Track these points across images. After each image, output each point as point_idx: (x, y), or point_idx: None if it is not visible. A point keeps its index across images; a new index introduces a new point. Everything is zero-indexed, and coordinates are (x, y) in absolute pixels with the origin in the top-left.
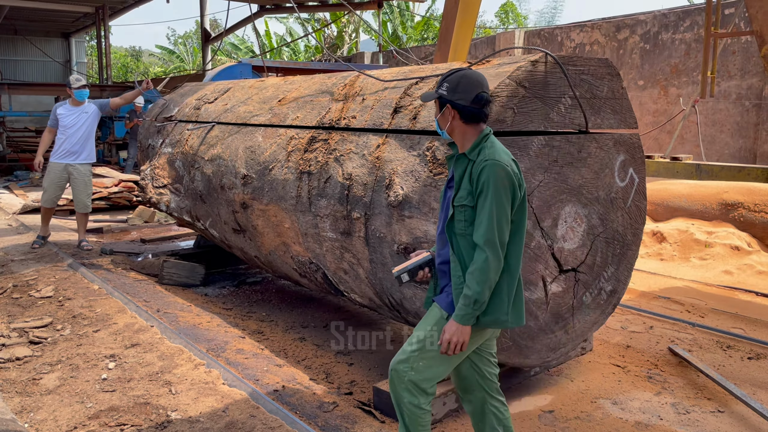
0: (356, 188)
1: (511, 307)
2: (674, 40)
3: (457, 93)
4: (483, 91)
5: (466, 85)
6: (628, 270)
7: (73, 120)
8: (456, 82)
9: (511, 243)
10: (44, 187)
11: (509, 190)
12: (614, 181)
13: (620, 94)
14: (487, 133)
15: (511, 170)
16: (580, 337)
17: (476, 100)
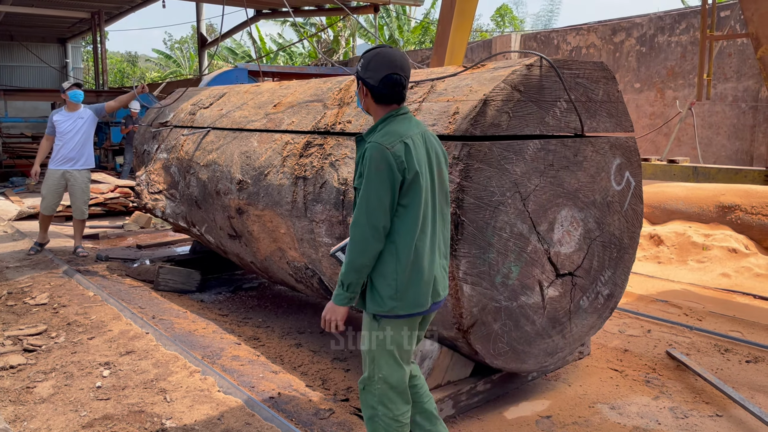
0: (352, 193)
1: (400, 294)
2: (670, 43)
3: (368, 71)
4: (394, 72)
5: (377, 64)
6: (625, 274)
7: (69, 126)
8: (368, 59)
9: (402, 228)
10: (43, 195)
11: (386, 173)
12: (610, 184)
13: (616, 97)
14: (390, 115)
15: (392, 153)
16: (578, 341)
17: (384, 80)
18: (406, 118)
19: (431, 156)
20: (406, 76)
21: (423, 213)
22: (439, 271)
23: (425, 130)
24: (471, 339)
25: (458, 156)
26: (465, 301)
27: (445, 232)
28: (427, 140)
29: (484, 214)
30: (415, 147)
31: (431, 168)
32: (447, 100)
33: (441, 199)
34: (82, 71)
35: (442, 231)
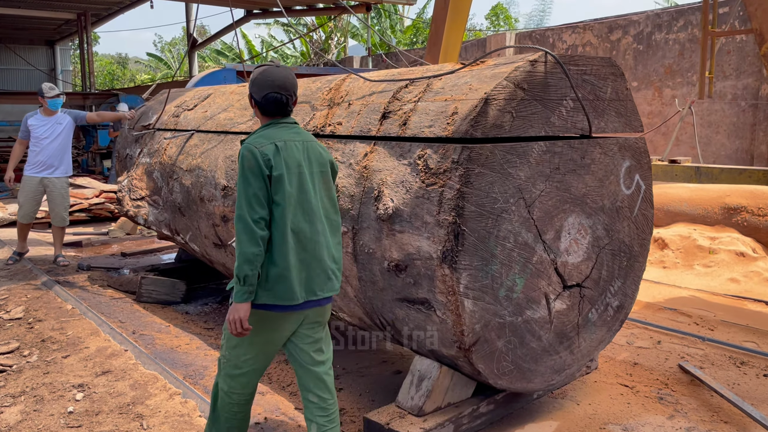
0: (342, 200)
1: (268, 285)
2: (668, 41)
3: (254, 87)
4: (274, 91)
5: (260, 82)
6: (635, 283)
7: (46, 131)
8: (255, 76)
9: (273, 224)
10: (20, 203)
11: (256, 169)
12: (620, 188)
13: (625, 95)
14: (271, 123)
15: (260, 152)
16: (586, 357)
17: (266, 97)
18: (286, 126)
19: (312, 164)
20: (288, 94)
21: (294, 213)
22: (317, 272)
23: (310, 140)
24: (473, 358)
25: (457, 160)
26: (466, 317)
27: (333, 237)
28: (310, 149)
29: (486, 222)
30: (286, 150)
31: (311, 174)
32: (445, 100)
33: (327, 204)
34: (71, 74)
35: (331, 235)
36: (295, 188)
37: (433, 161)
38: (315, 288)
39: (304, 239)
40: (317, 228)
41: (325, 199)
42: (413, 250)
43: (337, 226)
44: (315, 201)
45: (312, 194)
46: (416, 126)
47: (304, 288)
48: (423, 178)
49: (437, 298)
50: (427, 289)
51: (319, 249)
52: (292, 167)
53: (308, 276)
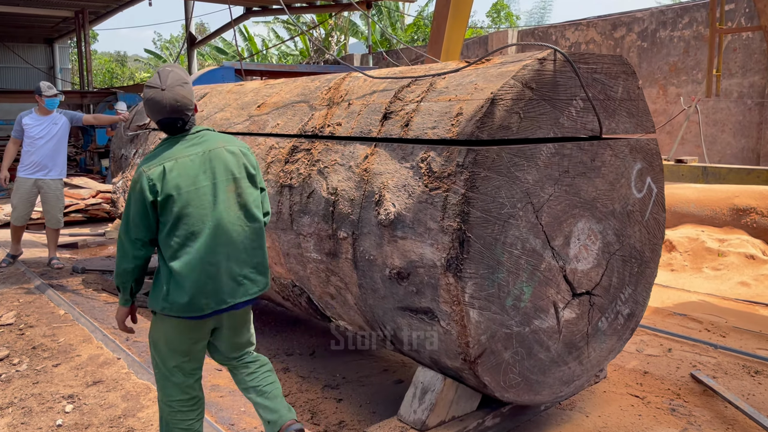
0: (342, 204)
1: (170, 297)
2: (672, 38)
3: (147, 110)
4: (166, 118)
5: (151, 108)
6: (646, 290)
7: (41, 131)
8: (145, 99)
9: (166, 240)
10: (13, 205)
11: (139, 193)
12: (631, 192)
13: (636, 94)
14: (168, 138)
15: (147, 176)
16: (596, 367)
17: (159, 123)
18: (184, 141)
19: (215, 173)
20: (181, 115)
21: (188, 229)
22: (225, 281)
23: (215, 147)
24: (479, 370)
25: (462, 163)
26: (472, 328)
27: (246, 242)
28: (213, 158)
29: (492, 228)
30: (177, 169)
31: (214, 184)
32: (449, 100)
33: (237, 211)
34: (70, 72)
35: (241, 241)
36: (188, 206)
37: (436, 164)
38: (224, 297)
39: (205, 253)
40: (221, 239)
41: (233, 206)
42: (416, 257)
43: (255, 229)
44: (218, 212)
45: (213, 206)
46: (419, 127)
47: (212, 299)
48: (426, 182)
49: (441, 308)
50: (431, 298)
51: (226, 259)
52: (183, 186)
53: (215, 287)
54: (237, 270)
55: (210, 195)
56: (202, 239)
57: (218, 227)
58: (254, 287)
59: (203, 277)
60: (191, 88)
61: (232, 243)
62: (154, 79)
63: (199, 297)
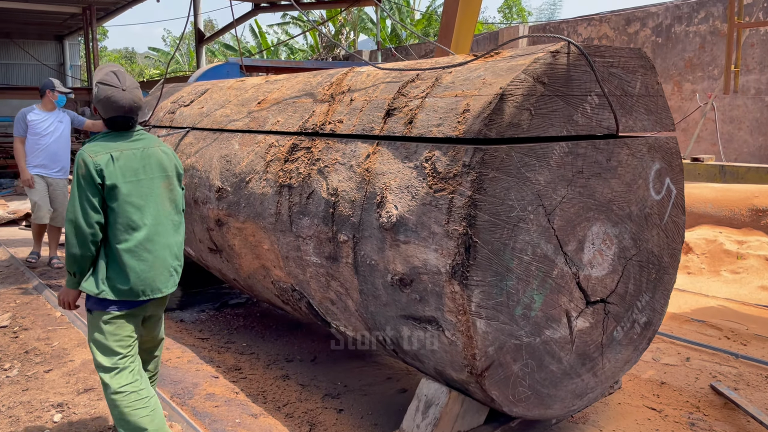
0: (342, 206)
1: (107, 282)
2: (688, 33)
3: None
4: (120, 116)
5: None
6: (664, 297)
7: (49, 127)
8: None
9: (108, 225)
10: (38, 204)
11: (88, 177)
12: (649, 193)
13: (655, 90)
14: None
15: (93, 161)
16: (611, 379)
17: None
18: (126, 136)
19: (151, 170)
20: (134, 115)
21: (131, 218)
22: (161, 271)
23: (151, 146)
24: (486, 384)
25: (469, 163)
26: (478, 339)
27: (176, 237)
28: (150, 155)
29: (501, 233)
30: (121, 159)
31: (151, 179)
32: (455, 95)
33: (169, 207)
34: (80, 69)
35: (172, 235)
36: (131, 195)
37: (441, 164)
38: (159, 286)
39: (145, 242)
40: (158, 230)
41: (166, 202)
42: (419, 263)
43: (179, 225)
44: (155, 205)
45: (151, 199)
46: (423, 125)
47: (149, 287)
48: (430, 183)
49: (446, 317)
50: (435, 306)
51: (162, 250)
52: (127, 176)
53: (153, 275)
54: (170, 261)
55: (148, 188)
56: (143, 229)
57: (156, 219)
58: (177, 278)
59: (142, 264)
60: (140, 92)
61: (167, 235)
62: (111, 78)
63: (137, 284)
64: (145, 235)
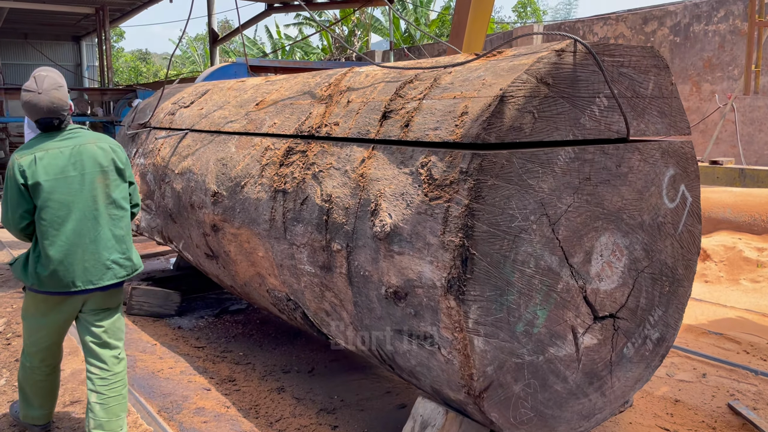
0: (336, 213)
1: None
2: (707, 32)
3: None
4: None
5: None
6: (678, 312)
7: None
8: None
9: (39, 225)
10: None
11: (13, 178)
12: (662, 201)
13: (669, 91)
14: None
15: (18, 163)
16: (621, 398)
17: (38, 122)
18: (55, 136)
19: (83, 166)
20: (58, 115)
21: (57, 214)
22: (92, 263)
23: (85, 143)
24: (485, 405)
25: (467, 170)
26: (476, 358)
27: (115, 230)
28: (82, 152)
29: (501, 244)
30: (45, 159)
31: (82, 175)
32: (453, 97)
33: (104, 201)
34: (97, 69)
35: (110, 229)
36: (56, 192)
37: (437, 170)
38: (91, 278)
39: (73, 237)
40: (88, 225)
41: (103, 196)
42: (414, 275)
43: (122, 218)
44: (85, 201)
45: (80, 195)
46: (420, 128)
47: (80, 279)
48: (426, 191)
49: (442, 334)
50: (430, 322)
51: (91, 244)
52: (51, 173)
53: (84, 268)
54: (106, 255)
55: (77, 184)
56: (69, 224)
57: (86, 214)
58: (122, 271)
59: (69, 257)
60: (66, 91)
61: (99, 229)
62: (30, 83)
63: (65, 275)
64: (72, 229)
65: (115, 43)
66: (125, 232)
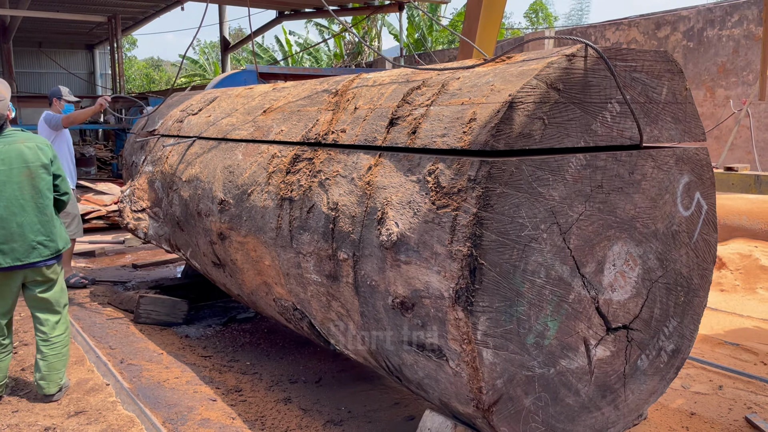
0: (343, 221)
1: None
2: (721, 37)
3: None
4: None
5: None
6: (694, 323)
7: (50, 135)
8: None
9: None
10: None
11: None
12: (676, 209)
13: (684, 96)
14: None
15: None
16: (635, 412)
17: None
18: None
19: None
20: None
21: None
22: (20, 244)
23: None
24: (494, 420)
25: (475, 177)
26: (485, 371)
27: (39, 216)
28: (11, 151)
29: (510, 254)
30: None
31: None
32: (461, 103)
33: (31, 191)
34: (110, 77)
35: (35, 215)
36: None
37: (445, 178)
38: (19, 257)
39: (3, 222)
40: (14, 211)
41: (27, 187)
42: (421, 285)
43: (45, 206)
44: (11, 191)
45: (7, 186)
46: (427, 135)
47: (9, 256)
48: (433, 199)
49: (450, 346)
50: (438, 334)
51: (18, 228)
52: None
53: (11, 248)
54: (32, 237)
55: (6, 177)
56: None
57: (12, 202)
58: (46, 251)
59: (3, 240)
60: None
61: (25, 215)
62: None
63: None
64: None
65: (127, 52)
66: (48, 219)
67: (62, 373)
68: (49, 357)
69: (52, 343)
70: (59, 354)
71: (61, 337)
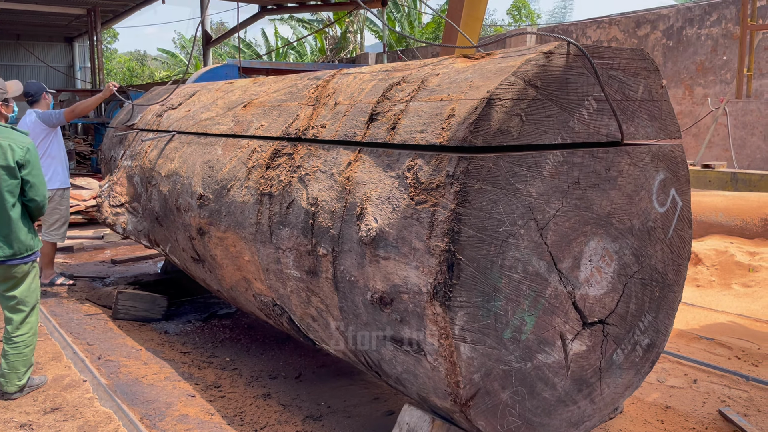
0: (322, 217)
1: None
2: (700, 36)
3: None
4: None
5: None
6: (669, 317)
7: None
8: None
9: None
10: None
11: None
12: (652, 206)
13: (659, 94)
14: None
15: None
16: (610, 405)
17: None
18: None
19: None
20: None
21: None
22: None
23: None
24: (471, 414)
25: (453, 173)
26: (462, 365)
27: (4, 216)
28: None
29: (488, 249)
30: None
31: None
32: (440, 99)
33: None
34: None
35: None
36: None
37: (423, 174)
38: None
39: None
40: None
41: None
42: (399, 281)
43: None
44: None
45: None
46: (406, 131)
47: None
48: (412, 194)
49: (428, 341)
50: (416, 328)
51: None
52: None
53: None
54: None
55: None
56: None
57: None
58: (8, 250)
59: None
60: None
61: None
62: None
63: None
64: None
65: (108, 45)
66: (5, 221)
67: (22, 373)
68: (10, 356)
69: (14, 342)
70: (20, 354)
71: (24, 338)
